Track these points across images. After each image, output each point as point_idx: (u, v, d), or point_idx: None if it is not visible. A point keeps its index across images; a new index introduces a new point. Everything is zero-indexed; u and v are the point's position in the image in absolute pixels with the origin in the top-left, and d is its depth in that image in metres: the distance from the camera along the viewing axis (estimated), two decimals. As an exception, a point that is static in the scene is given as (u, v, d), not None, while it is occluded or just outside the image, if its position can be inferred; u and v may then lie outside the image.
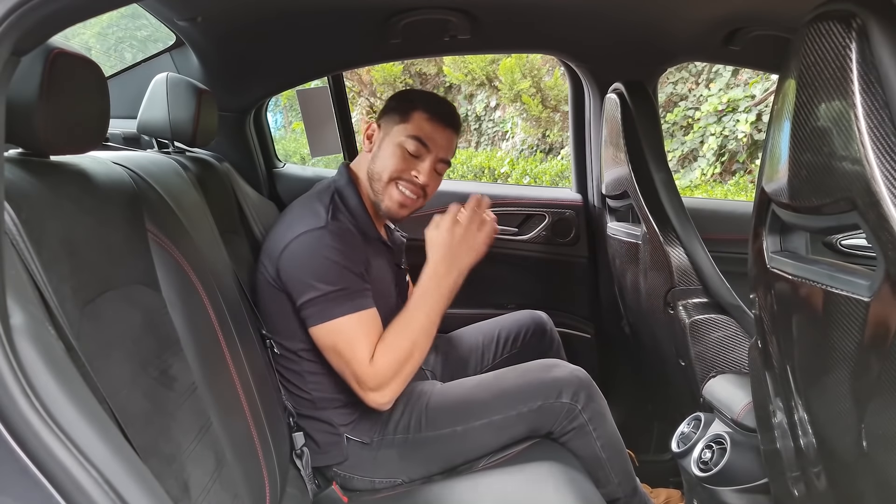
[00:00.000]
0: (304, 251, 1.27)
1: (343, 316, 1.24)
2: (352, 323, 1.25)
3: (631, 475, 1.38)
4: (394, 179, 1.38)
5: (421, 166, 1.38)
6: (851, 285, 0.63)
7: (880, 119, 0.55)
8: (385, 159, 1.38)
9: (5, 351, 0.59)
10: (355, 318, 1.25)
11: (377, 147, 1.41)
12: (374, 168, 1.40)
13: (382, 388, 1.25)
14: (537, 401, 1.31)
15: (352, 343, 1.25)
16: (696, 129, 5.28)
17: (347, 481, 1.36)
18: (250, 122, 1.97)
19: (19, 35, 0.63)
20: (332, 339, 1.26)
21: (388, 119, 1.41)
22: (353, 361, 1.25)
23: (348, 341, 1.25)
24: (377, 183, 1.39)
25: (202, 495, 0.86)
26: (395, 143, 1.38)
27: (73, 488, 0.59)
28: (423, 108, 1.38)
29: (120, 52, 5.25)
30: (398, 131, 1.38)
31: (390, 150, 1.38)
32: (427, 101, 1.40)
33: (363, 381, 1.25)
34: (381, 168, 1.39)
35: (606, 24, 1.71)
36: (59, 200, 0.80)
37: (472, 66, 6.57)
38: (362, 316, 1.26)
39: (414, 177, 1.38)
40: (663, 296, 1.39)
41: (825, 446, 0.76)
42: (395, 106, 1.42)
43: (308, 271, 1.26)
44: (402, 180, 1.38)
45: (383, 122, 1.42)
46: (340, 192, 1.39)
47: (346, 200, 1.39)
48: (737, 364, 1.30)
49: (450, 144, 1.42)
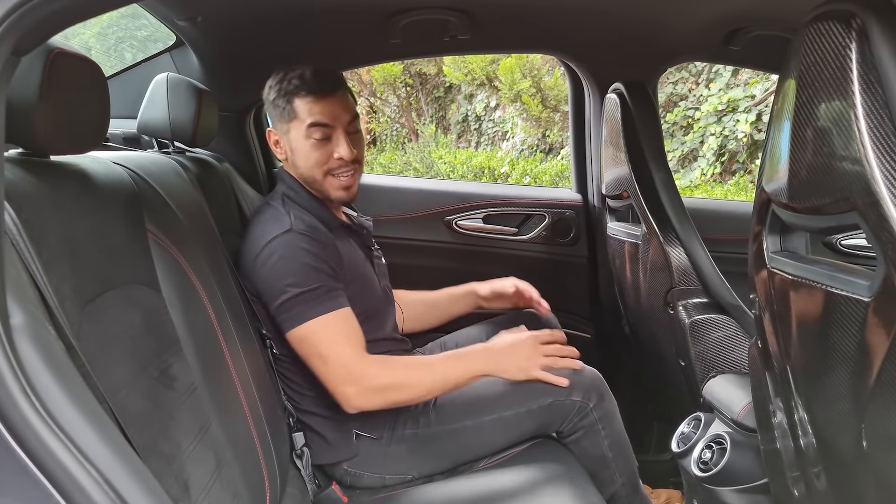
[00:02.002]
0: (275, 256, 1.26)
1: (320, 316, 1.23)
2: (329, 321, 1.24)
3: (635, 475, 1.39)
4: (325, 172, 1.36)
5: (338, 146, 1.34)
6: (851, 285, 0.63)
7: (880, 119, 0.55)
8: (304, 159, 1.36)
9: (5, 351, 0.59)
10: (332, 317, 1.24)
11: (289, 152, 1.38)
12: (300, 172, 1.38)
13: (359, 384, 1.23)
14: (548, 398, 1.31)
15: (333, 342, 1.24)
16: (696, 129, 5.28)
17: (357, 479, 1.35)
18: (250, 122, 1.97)
19: (19, 35, 0.63)
20: (312, 339, 1.24)
21: (278, 121, 1.37)
22: (338, 358, 1.23)
23: (329, 342, 1.24)
24: (314, 183, 1.38)
25: (202, 495, 0.86)
26: (301, 139, 1.34)
27: (72, 488, 0.59)
28: (299, 93, 1.32)
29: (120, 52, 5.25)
30: (295, 128, 1.34)
31: (301, 149, 1.35)
32: (298, 82, 1.33)
33: (349, 371, 1.23)
34: (306, 169, 1.36)
35: (606, 24, 1.71)
36: (59, 200, 0.80)
37: (472, 66, 6.57)
38: (339, 315, 1.25)
39: (338, 158, 1.35)
40: (663, 296, 1.39)
41: (825, 446, 0.76)
42: (274, 105, 1.36)
43: (280, 275, 1.24)
44: (332, 168, 1.36)
45: (276, 126, 1.38)
46: (289, 195, 1.38)
47: (297, 199, 1.37)
48: (737, 364, 1.30)
49: (345, 105, 1.36)
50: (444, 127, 7.60)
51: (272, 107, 1.37)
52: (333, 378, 1.25)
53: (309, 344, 1.25)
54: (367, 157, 7.29)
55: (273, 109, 1.37)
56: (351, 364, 1.24)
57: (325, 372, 1.25)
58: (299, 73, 1.33)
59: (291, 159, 1.39)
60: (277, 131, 1.39)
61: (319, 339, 1.24)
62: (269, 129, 1.39)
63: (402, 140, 7.58)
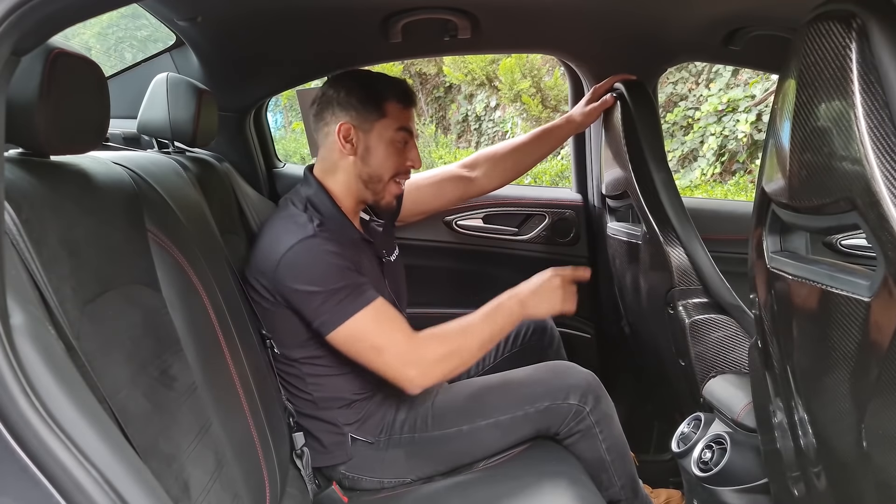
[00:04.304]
0: (302, 260, 1.24)
1: (362, 309, 1.23)
2: (372, 312, 1.23)
3: (634, 478, 1.38)
4: (393, 175, 1.38)
5: (412, 154, 1.39)
6: (851, 285, 0.63)
7: (880, 119, 0.55)
8: (382, 160, 1.36)
9: (5, 351, 0.59)
10: (372, 308, 1.24)
11: (363, 149, 1.36)
12: (368, 171, 1.36)
13: (420, 364, 1.23)
14: (545, 401, 1.31)
15: (382, 331, 1.24)
16: (696, 129, 5.28)
17: (355, 482, 1.35)
18: (250, 122, 1.97)
19: (19, 35, 0.63)
20: (361, 334, 1.23)
21: (361, 117, 1.35)
22: (393, 344, 1.23)
23: (379, 331, 1.24)
24: (376, 184, 1.37)
25: (202, 495, 0.86)
26: (387, 141, 1.35)
27: (72, 488, 0.59)
28: (392, 98, 1.35)
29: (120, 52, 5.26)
30: (382, 128, 1.35)
31: (384, 151, 1.36)
32: (391, 88, 1.37)
33: (407, 354, 1.23)
34: (378, 169, 1.36)
35: (606, 24, 1.71)
36: (59, 200, 0.80)
37: (472, 66, 6.57)
38: (378, 304, 1.25)
39: (410, 166, 1.39)
40: (663, 296, 1.39)
41: (825, 446, 0.76)
42: (362, 102, 1.35)
43: (311, 278, 1.23)
44: (400, 172, 1.39)
45: (357, 121, 1.35)
46: (313, 202, 1.35)
47: (319, 208, 1.35)
48: (737, 364, 1.30)
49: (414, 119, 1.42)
50: (444, 127, 7.59)
51: (357, 102, 1.35)
52: (393, 365, 1.24)
53: (358, 339, 1.24)
54: (367, 157, 7.30)
55: (356, 105, 1.35)
56: (407, 347, 1.23)
57: (382, 362, 1.24)
58: (393, 79, 1.40)
59: (361, 156, 1.36)
60: (357, 125, 1.35)
61: (368, 331, 1.23)
62: (342, 122, 1.35)
63: (401, 140, 7.56)
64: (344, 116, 1.35)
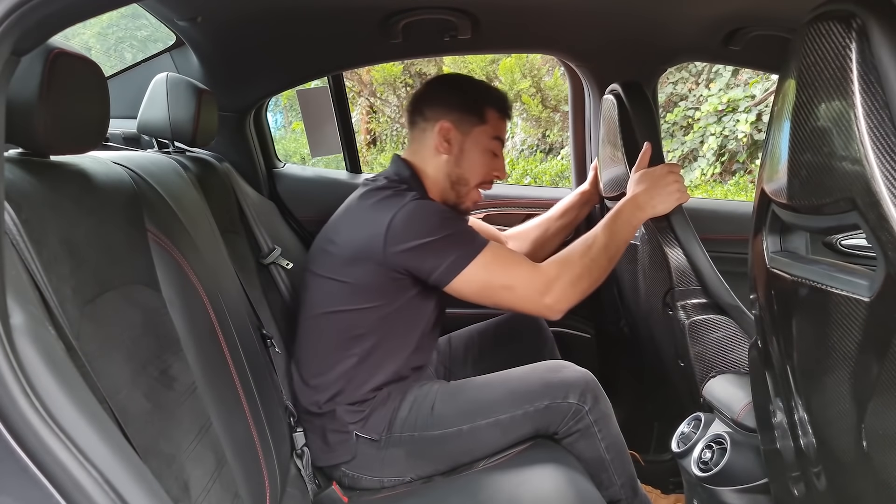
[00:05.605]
0: (416, 215, 1.27)
1: (481, 251, 1.25)
2: (491, 255, 1.26)
3: (633, 477, 1.38)
4: (480, 181, 1.42)
5: (500, 164, 1.44)
6: (851, 285, 0.63)
7: (880, 119, 0.55)
8: (474, 165, 1.41)
9: (5, 351, 0.59)
10: (490, 250, 1.26)
11: (458, 150, 1.40)
12: (459, 173, 1.41)
13: (554, 290, 1.24)
14: (544, 400, 1.31)
15: (508, 267, 1.26)
16: (696, 129, 5.28)
17: (355, 481, 1.36)
18: (250, 122, 1.97)
19: (19, 35, 0.63)
20: (488, 272, 1.25)
21: (462, 120, 1.40)
22: (521, 277, 1.25)
23: (505, 268, 1.25)
24: (462, 187, 1.42)
25: (202, 495, 0.86)
26: (482, 147, 1.40)
27: (72, 488, 0.59)
28: (493, 106, 1.41)
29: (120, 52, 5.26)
30: (480, 134, 1.40)
31: (478, 156, 1.41)
32: (493, 97, 1.43)
33: (535, 285, 1.24)
34: (469, 173, 1.41)
35: (606, 24, 1.71)
36: (59, 200, 0.80)
37: (472, 66, 6.56)
38: (494, 247, 1.27)
39: (496, 176, 1.44)
40: (662, 296, 1.38)
41: (825, 446, 0.76)
42: (465, 105, 1.40)
43: (428, 229, 1.25)
44: (487, 180, 1.44)
45: (458, 123, 1.39)
46: (410, 183, 1.37)
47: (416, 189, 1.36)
48: (736, 364, 1.29)
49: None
50: (444, 127, 7.58)
51: (460, 105, 1.39)
52: (528, 297, 1.25)
53: (486, 279, 1.25)
54: (368, 157, 7.31)
55: (459, 107, 1.39)
56: (536, 277, 1.25)
57: (514, 297, 1.26)
58: (493, 88, 1.45)
59: (456, 156, 1.40)
60: (458, 127, 1.39)
61: (494, 269, 1.25)
62: (442, 122, 1.39)
63: (402, 140, 7.57)
64: (446, 116, 1.39)
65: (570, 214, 1.76)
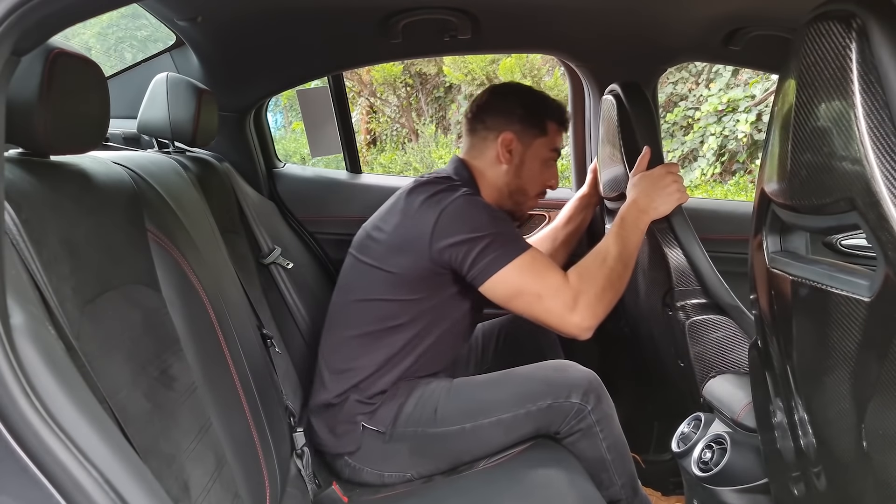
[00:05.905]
0: (464, 210, 1.28)
1: (520, 255, 1.25)
2: (528, 259, 1.26)
3: (634, 477, 1.38)
4: (537, 191, 1.46)
5: (553, 173, 1.47)
6: (851, 285, 0.63)
7: (880, 119, 0.55)
8: (533, 176, 1.44)
9: (5, 351, 0.59)
10: (528, 255, 1.26)
11: (518, 161, 1.43)
12: (518, 183, 1.44)
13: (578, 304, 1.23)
14: (547, 400, 1.31)
15: (538, 274, 1.25)
16: (696, 129, 5.28)
17: (357, 473, 1.36)
18: (250, 122, 1.97)
19: (19, 35, 0.63)
20: (516, 280, 1.25)
21: (524, 131, 1.42)
22: (547, 289, 1.24)
23: (534, 274, 1.25)
24: (520, 196, 1.45)
25: (202, 495, 0.86)
26: (542, 159, 1.44)
27: (72, 488, 0.59)
28: (553, 119, 1.44)
29: (120, 52, 5.26)
30: (540, 146, 1.43)
31: (537, 167, 1.44)
32: (552, 109, 1.45)
33: (564, 299, 1.23)
34: (528, 184, 1.45)
35: (606, 25, 1.71)
36: (59, 200, 0.80)
37: (472, 66, 6.56)
38: (533, 252, 1.27)
39: (550, 185, 1.48)
40: (662, 297, 1.38)
41: (825, 446, 0.76)
42: (527, 117, 1.42)
43: (474, 225, 1.26)
44: (542, 190, 1.47)
45: (520, 134, 1.42)
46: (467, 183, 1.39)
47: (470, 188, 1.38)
48: (736, 364, 1.29)
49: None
50: (444, 127, 7.59)
51: (522, 116, 1.42)
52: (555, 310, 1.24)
53: (519, 283, 1.25)
54: (367, 157, 7.30)
55: (522, 118, 1.42)
56: (565, 289, 1.24)
57: (543, 309, 1.25)
58: (554, 101, 1.47)
59: (516, 167, 1.43)
60: (520, 138, 1.42)
61: (529, 274, 1.25)
62: (504, 133, 1.41)
63: (402, 140, 7.57)
64: (508, 126, 1.42)
65: (575, 221, 1.77)
